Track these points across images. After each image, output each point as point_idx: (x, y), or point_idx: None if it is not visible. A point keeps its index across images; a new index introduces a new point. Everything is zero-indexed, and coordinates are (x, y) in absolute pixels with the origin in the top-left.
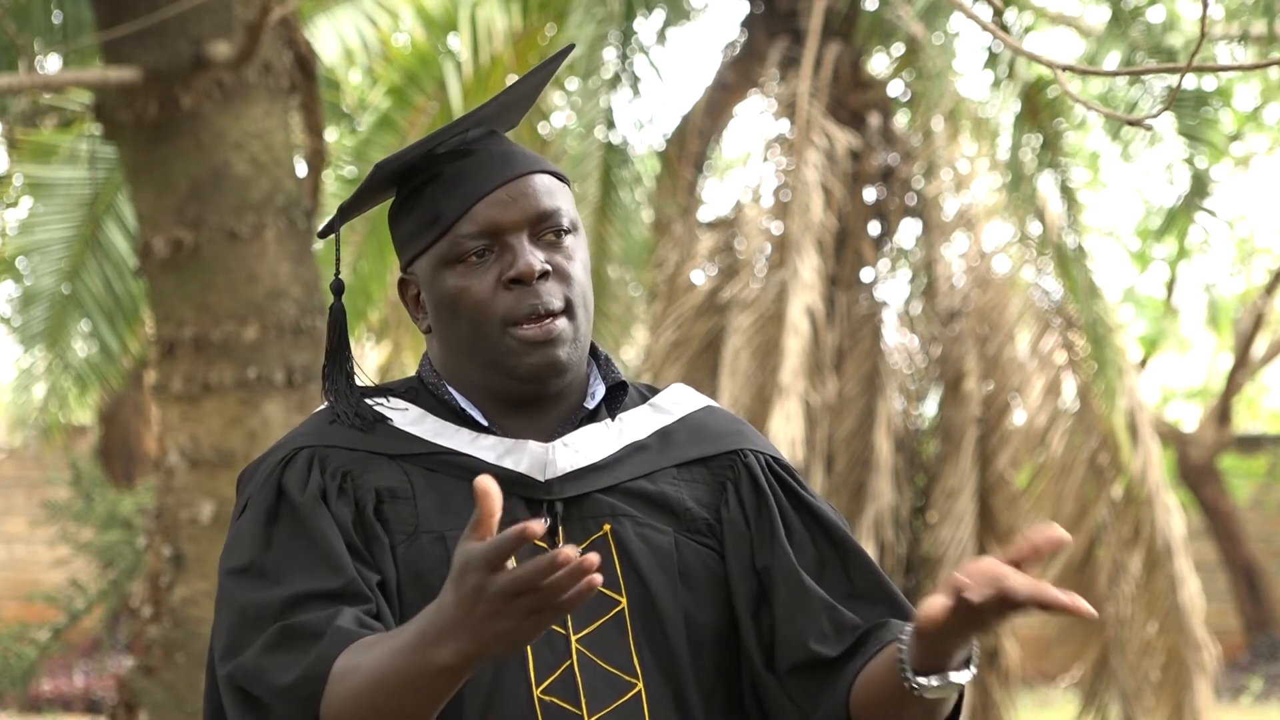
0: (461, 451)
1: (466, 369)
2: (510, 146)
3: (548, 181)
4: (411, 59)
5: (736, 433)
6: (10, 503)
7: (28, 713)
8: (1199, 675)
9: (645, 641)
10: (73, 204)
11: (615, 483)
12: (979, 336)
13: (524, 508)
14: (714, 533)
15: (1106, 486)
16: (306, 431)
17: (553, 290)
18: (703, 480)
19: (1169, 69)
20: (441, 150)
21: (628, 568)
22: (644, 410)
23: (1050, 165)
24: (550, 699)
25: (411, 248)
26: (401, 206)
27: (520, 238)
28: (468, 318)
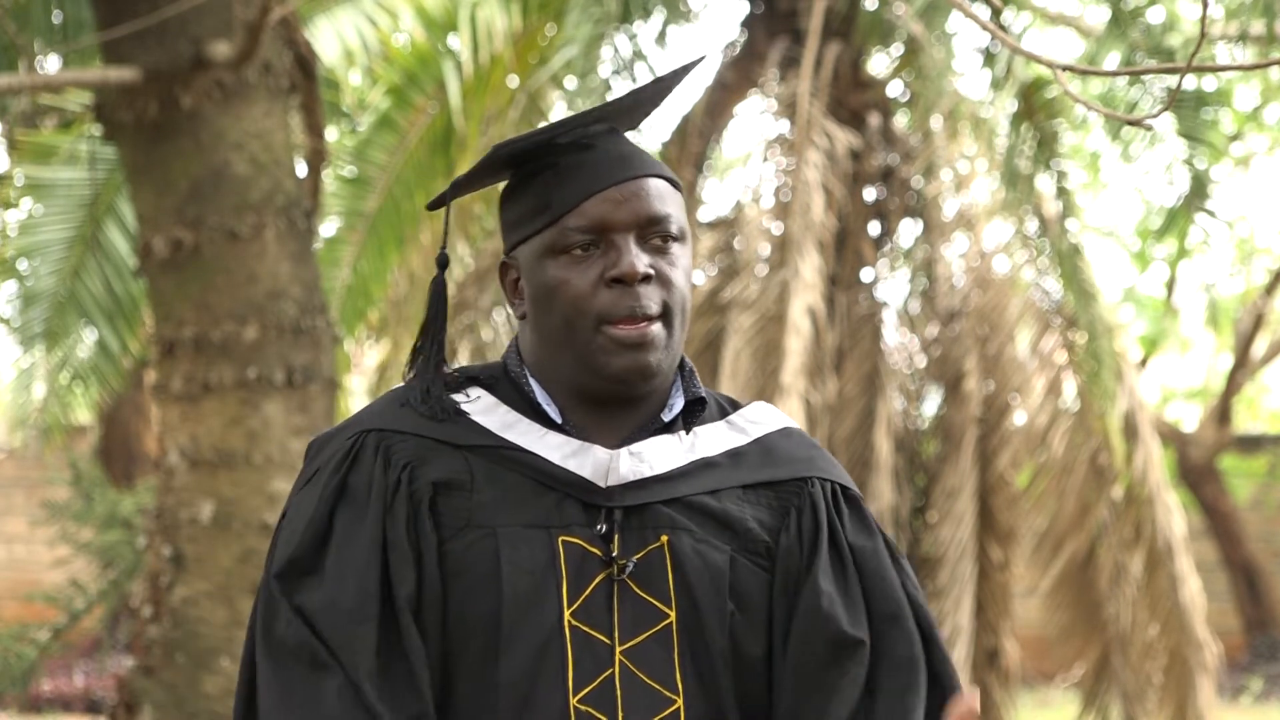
0: (527, 448)
1: (554, 361)
2: (630, 148)
3: (662, 186)
4: (411, 59)
5: (808, 459)
6: (10, 503)
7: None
8: (1201, 674)
9: (690, 658)
10: (73, 204)
11: (678, 496)
12: (979, 336)
13: (582, 510)
14: (770, 556)
15: (1107, 486)
16: (379, 411)
17: (652, 294)
18: (767, 503)
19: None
20: (563, 141)
21: (680, 582)
22: (720, 427)
23: (1047, 165)
24: (586, 708)
25: (518, 232)
26: (514, 190)
27: (627, 238)
28: (563, 310)
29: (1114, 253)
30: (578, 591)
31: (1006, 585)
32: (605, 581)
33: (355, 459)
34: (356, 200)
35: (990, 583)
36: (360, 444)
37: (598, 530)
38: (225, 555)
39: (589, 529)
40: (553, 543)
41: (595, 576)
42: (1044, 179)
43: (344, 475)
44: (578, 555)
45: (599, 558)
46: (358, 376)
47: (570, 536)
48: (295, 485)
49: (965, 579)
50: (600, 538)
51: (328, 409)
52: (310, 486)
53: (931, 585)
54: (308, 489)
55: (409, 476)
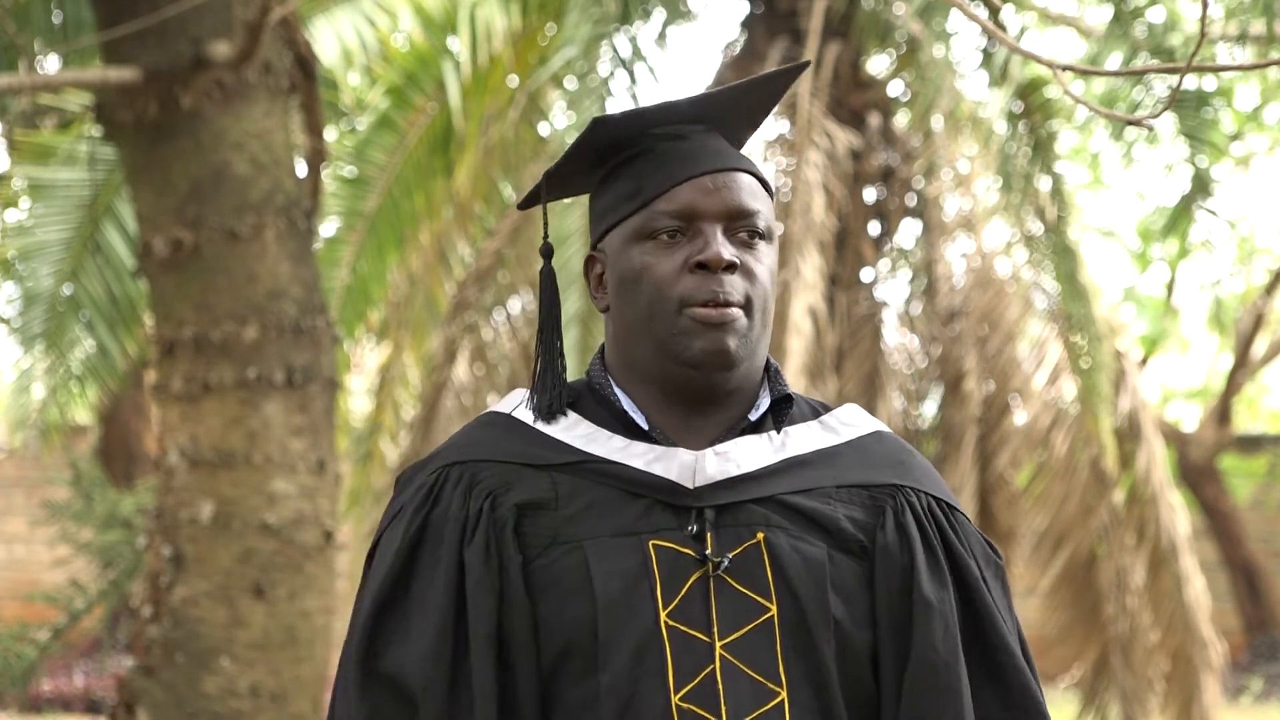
0: (609, 459)
1: (636, 351)
2: (724, 144)
3: (753, 183)
4: (411, 59)
5: (902, 465)
6: (10, 503)
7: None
8: (1206, 673)
9: (794, 651)
10: (72, 205)
11: (770, 494)
12: (979, 336)
13: (672, 515)
14: (867, 554)
15: (1109, 487)
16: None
17: (735, 284)
18: (861, 503)
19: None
20: (657, 132)
21: (779, 577)
22: (812, 427)
23: (1045, 166)
24: (689, 706)
25: (607, 219)
26: (606, 179)
27: (715, 227)
28: (647, 294)
29: (1114, 253)
30: (673, 593)
31: None
32: (701, 580)
33: (438, 496)
34: (356, 200)
35: None
36: (443, 479)
37: (689, 531)
38: (225, 555)
39: (680, 531)
40: (643, 547)
41: (690, 576)
42: (1043, 179)
43: (426, 513)
44: (670, 557)
45: (693, 558)
46: (358, 376)
47: (661, 540)
48: (383, 518)
49: None
50: (692, 538)
51: (328, 409)
52: (394, 526)
53: None
54: (392, 529)
55: (490, 505)
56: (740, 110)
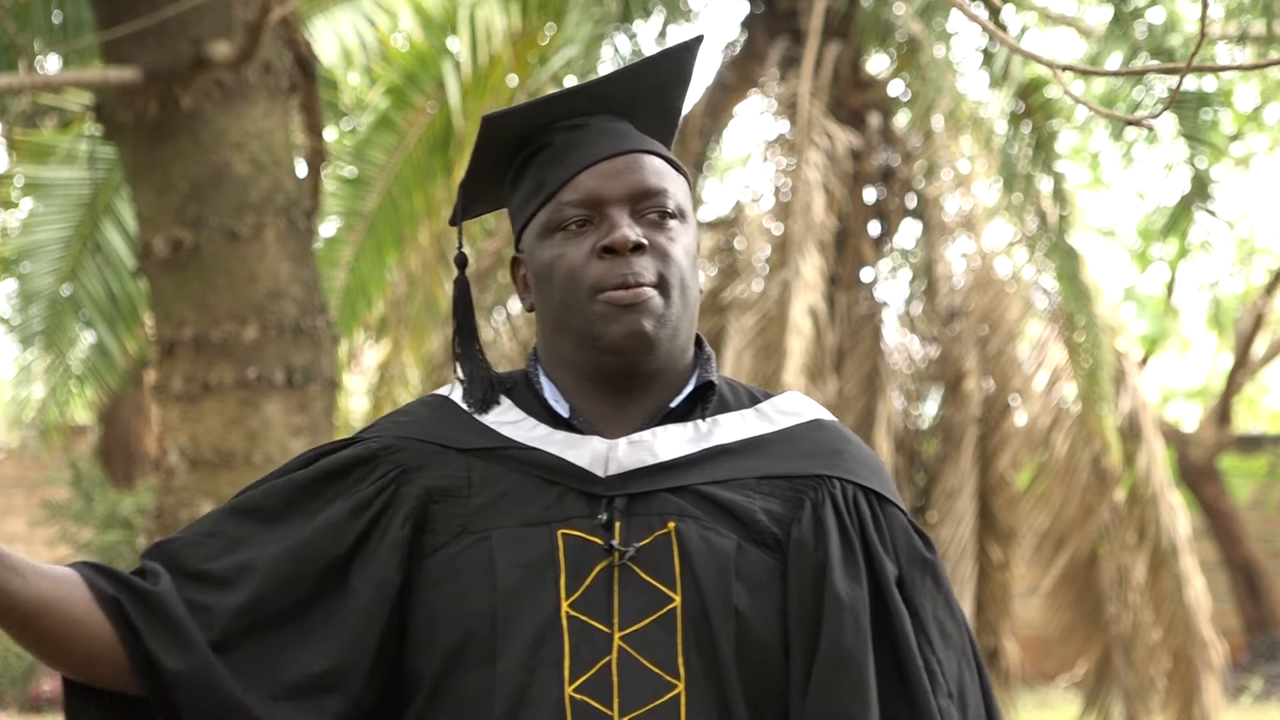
0: (526, 445)
1: (559, 345)
2: (625, 126)
3: (660, 164)
4: (410, 59)
5: (836, 454)
6: (10, 503)
7: (28, 713)
8: (1207, 674)
9: (694, 644)
10: (71, 204)
11: (686, 484)
12: (979, 336)
13: (584, 503)
14: (780, 547)
15: (1109, 487)
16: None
17: (646, 264)
18: (781, 495)
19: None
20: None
21: (685, 567)
22: (746, 415)
23: (1046, 166)
24: (581, 697)
25: (520, 218)
26: (514, 178)
27: (621, 211)
28: (560, 285)
29: (1114, 253)
30: (577, 582)
31: (1006, 585)
32: (606, 570)
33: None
34: (355, 200)
35: (990, 583)
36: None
37: (599, 520)
38: None
39: (590, 520)
40: (551, 536)
41: (596, 566)
42: (1043, 179)
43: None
44: (577, 546)
45: (600, 547)
46: (357, 376)
47: (570, 529)
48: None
49: (965, 579)
50: (602, 527)
51: (328, 409)
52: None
53: None
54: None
55: (397, 477)
56: (643, 94)
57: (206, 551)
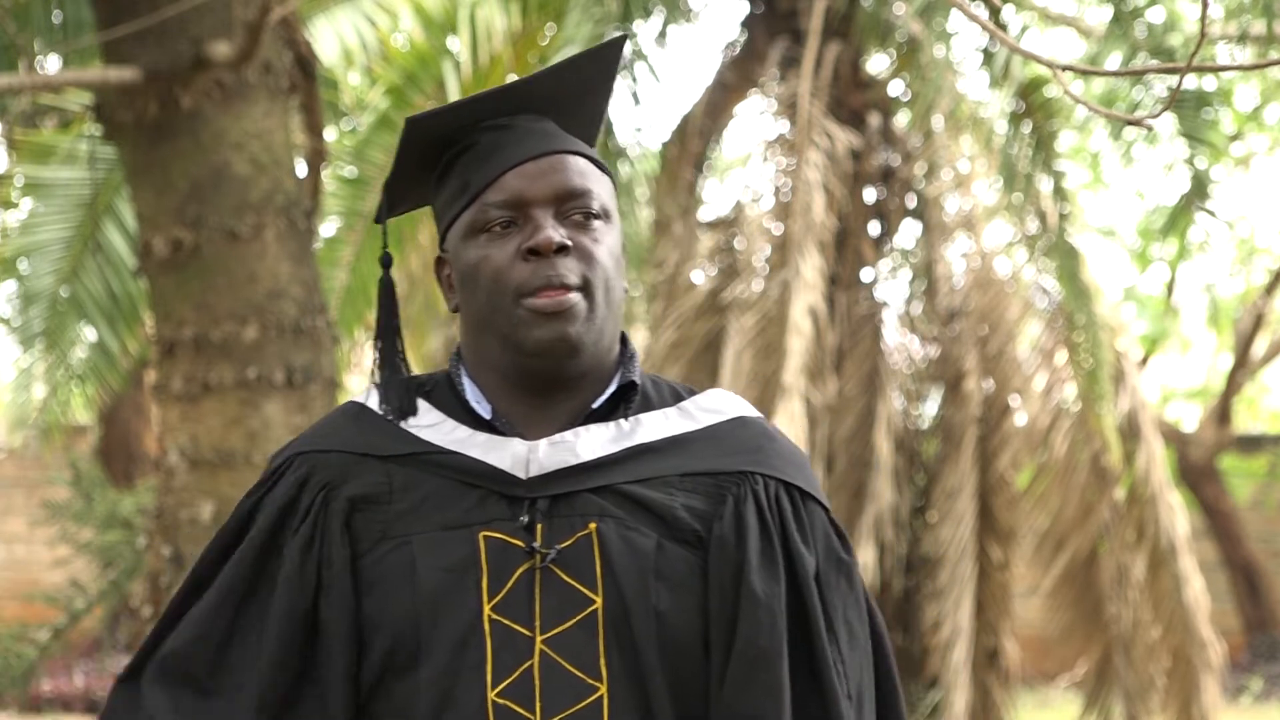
0: (447, 449)
1: (483, 346)
2: (551, 127)
3: (585, 164)
4: (411, 59)
5: (758, 451)
6: (10, 503)
7: (28, 713)
8: (1205, 674)
9: (616, 645)
10: (72, 204)
11: (608, 484)
12: (979, 336)
13: (506, 505)
14: (702, 544)
15: (1109, 486)
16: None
17: (571, 266)
18: (703, 491)
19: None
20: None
21: (607, 569)
22: (669, 413)
23: (1046, 165)
24: (504, 702)
25: (444, 218)
26: (439, 178)
27: (545, 212)
28: (485, 288)
29: (1115, 252)
30: (499, 585)
31: (1006, 585)
32: (528, 572)
33: (274, 484)
34: (355, 200)
35: (990, 583)
36: (285, 466)
37: (520, 522)
38: None
39: (512, 522)
40: (473, 539)
41: (517, 569)
42: (1044, 179)
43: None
44: (498, 548)
45: (521, 549)
46: (357, 376)
47: (491, 531)
48: None
49: (965, 579)
50: (523, 529)
51: (327, 409)
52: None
53: (931, 585)
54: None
55: (325, 497)
56: (567, 95)
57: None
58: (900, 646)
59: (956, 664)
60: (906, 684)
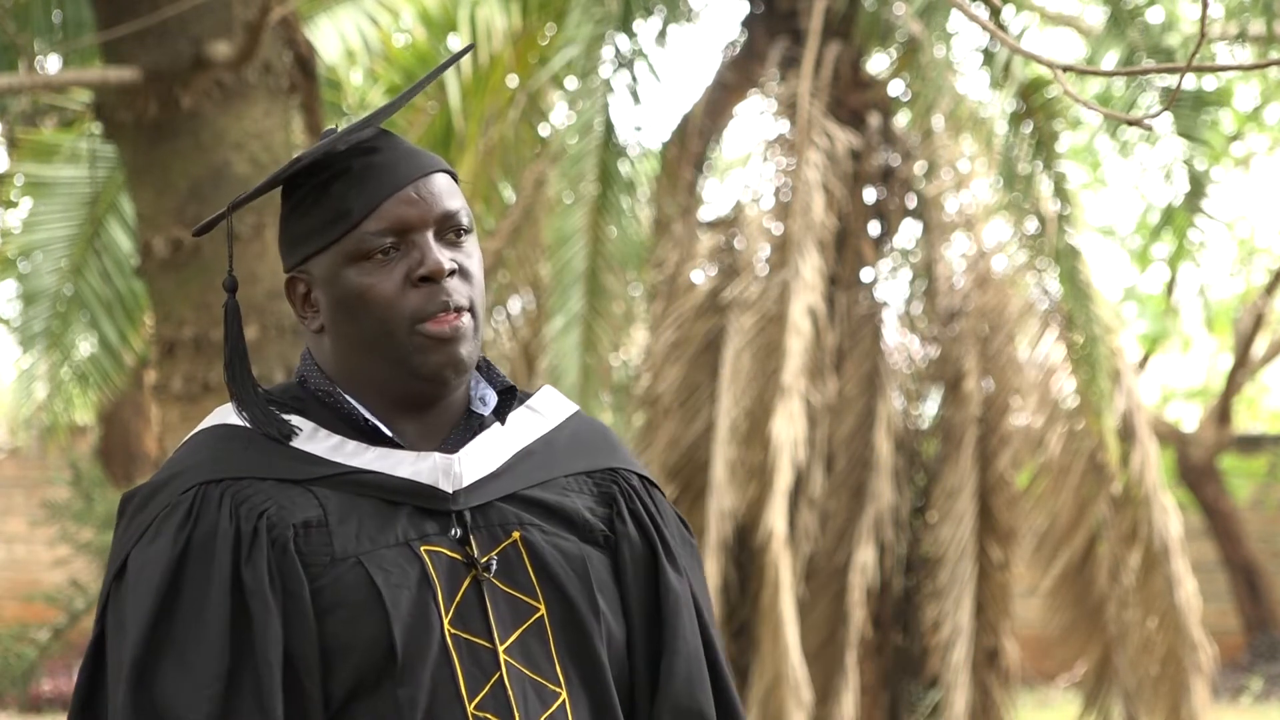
0: (365, 468)
1: (364, 368)
2: (411, 146)
3: (448, 181)
4: (411, 58)
5: (608, 444)
6: (10, 503)
7: (28, 713)
8: (1196, 676)
9: (565, 649)
10: (74, 203)
11: (513, 490)
12: (979, 336)
13: (432, 521)
14: (610, 545)
15: (1106, 486)
16: (207, 459)
17: (459, 288)
18: (589, 491)
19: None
20: (343, 147)
21: (542, 575)
22: (524, 413)
23: (1046, 165)
24: (484, 715)
25: (310, 245)
26: (301, 202)
27: (426, 236)
28: (375, 315)
29: (1115, 252)
30: (451, 599)
31: (1006, 585)
32: (474, 585)
33: (199, 514)
34: None
35: (990, 583)
36: (200, 497)
37: (453, 535)
38: None
39: (445, 536)
40: (418, 555)
41: (463, 581)
42: (1043, 179)
43: (190, 532)
44: (445, 563)
45: (462, 562)
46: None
47: (431, 545)
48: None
49: (965, 579)
50: (457, 543)
51: None
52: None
53: (931, 585)
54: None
55: (267, 524)
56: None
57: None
58: (900, 646)
59: (956, 664)
60: (906, 684)
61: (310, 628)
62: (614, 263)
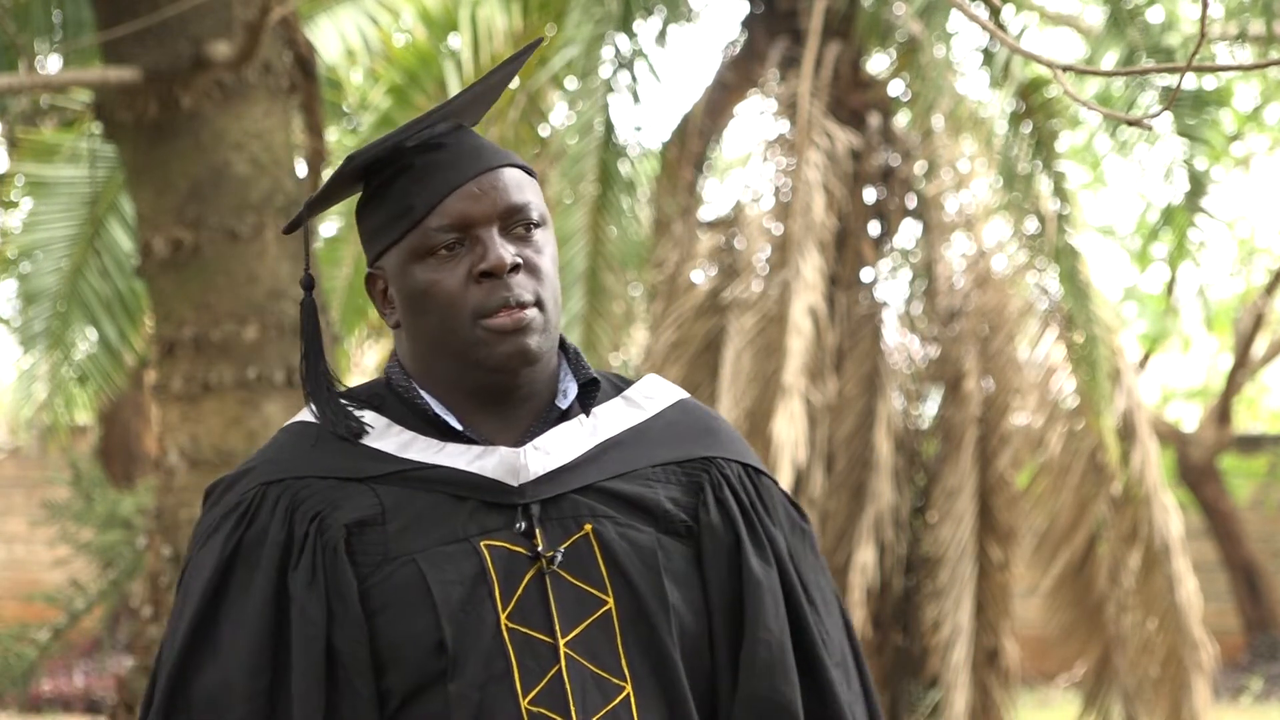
0: (431, 464)
1: (437, 363)
2: (479, 140)
3: (517, 175)
4: (412, 58)
5: (710, 434)
6: (10, 503)
7: (28, 713)
8: (1197, 675)
9: (634, 642)
10: (74, 203)
11: (590, 482)
12: (979, 336)
13: (499, 514)
14: (692, 535)
15: (1106, 486)
16: (277, 458)
17: (523, 283)
18: (678, 481)
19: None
20: (411, 144)
21: (612, 567)
22: (618, 404)
23: (1046, 165)
24: (539, 710)
25: (380, 241)
26: (370, 200)
27: (490, 231)
28: (438, 311)
29: (1115, 252)
30: (510, 594)
31: (1006, 585)
32: (536, 578)
33: (253, 516)
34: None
35: (990, 583)
36: (258, 498)
37: (518, 529)
38: None
39: (509, 530)
40: (477, 550)
41: (525, 576)
42: (1043, 178)
43: (241, 533)
44: (504, 558)
45: (525, 556)
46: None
47: (493, 540)
48: (195, 535)
49: (965, 579)
50: (523, 536)
51: None
52: (209, 544)
53: (931, 585)
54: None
55: (319, 527)
56: (480, 100)
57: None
58: (900, 646)
59: (956, 664)
60: (906, 684)
61: (360, 628)
62: (614, 263)
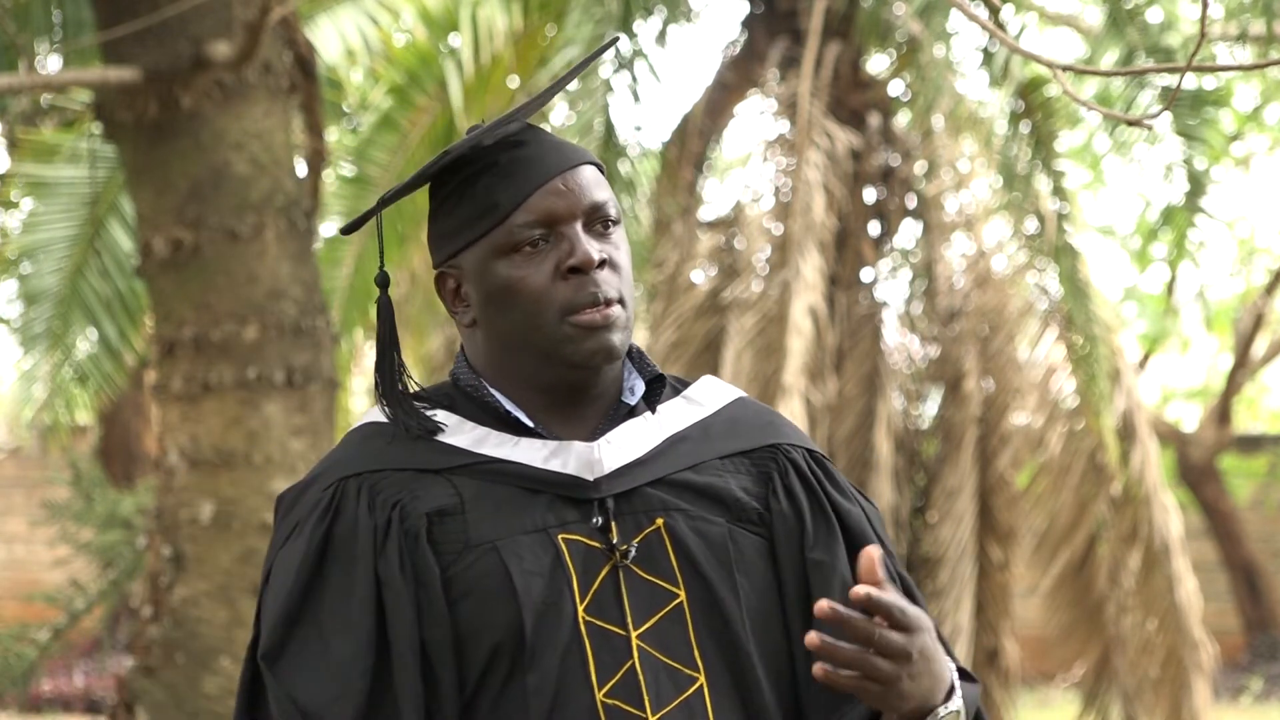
0: (506, 459)
1: (515, 362)
2: (557, 139)
3: (595, 173)
4: (412, 58)
5: (771, 424)
6: (10, 503)
7: (28, 713)
8: (1197, 675)
9: (706, 633)
10: (74, 203)
11: (661, 475)
12: (979, 336)
13: (574, 508)
14: (765, 522)
15: (1106, 486)
16: (349, 456)
17: (609, 280)
18: (746, 470)
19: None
20: (489, 142)
21: (683, 560)
22: (679, 403)
23: (1045, 165)
24: (613, 702)
25: (459, 239)
26: (449, 198)
27: (575, 227)
28: (524, 307)
29: (1115, 252)
30: (587, 587)
31: (1006, 585)
32: (611, 572)
33: (338, 509)
34: (357, 200)
35: (990, 583)
36: (340, 492)
37: (594, 523)
38: (225, 555)
39: (585, 524)
40: (554, 543)
41: (601, 569)
42: (1042, 178)
43: (328, 526)
44: (581, 551)
45: (601, 550)
46: (358, 376)
47: (570, 534)
48: (273, 543)
49: (965, 579)
50: (598, 530)
51: (328, 409)
52: (293, 542)
53: (931, 585)
54: (290, 545)
55: (400, 515)
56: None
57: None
58: None
59: None
60: None
61: (442, 615)
62: None
